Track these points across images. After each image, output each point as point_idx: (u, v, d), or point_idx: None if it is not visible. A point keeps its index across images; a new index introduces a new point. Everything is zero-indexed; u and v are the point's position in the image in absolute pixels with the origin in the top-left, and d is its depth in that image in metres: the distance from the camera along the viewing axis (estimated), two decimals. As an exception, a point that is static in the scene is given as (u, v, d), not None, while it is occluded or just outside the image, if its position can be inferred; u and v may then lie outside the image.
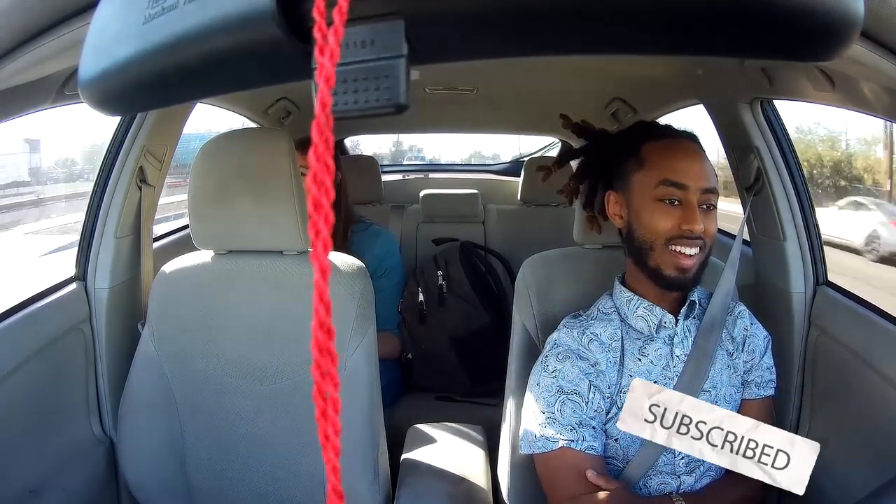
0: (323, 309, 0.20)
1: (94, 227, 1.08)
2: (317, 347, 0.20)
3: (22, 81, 0.63)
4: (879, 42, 0.52)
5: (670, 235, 0.75)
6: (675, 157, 0.77)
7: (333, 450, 0.20)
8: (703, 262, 0.77)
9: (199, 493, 0.92)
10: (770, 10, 0.23)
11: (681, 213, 0.75)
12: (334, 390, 0.20)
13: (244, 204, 0.87)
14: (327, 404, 0.20)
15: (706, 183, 0.76)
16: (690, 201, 0.75)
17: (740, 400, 0.82)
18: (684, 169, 0.76)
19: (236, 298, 0.91)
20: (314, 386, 0.20)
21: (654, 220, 0.76)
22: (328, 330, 0.20)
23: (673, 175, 0.76)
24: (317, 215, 0.20)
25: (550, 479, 0.76)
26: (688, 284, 0.77)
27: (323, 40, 0.20)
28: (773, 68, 0.91)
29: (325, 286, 0.20)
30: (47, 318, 0.97)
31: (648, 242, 0.77)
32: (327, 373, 0.20)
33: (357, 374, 0.87)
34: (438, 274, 1.57)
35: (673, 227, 0.75)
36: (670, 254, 0.75)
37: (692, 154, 0.78)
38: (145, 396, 0.92)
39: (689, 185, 0.75)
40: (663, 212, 0.76)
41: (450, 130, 2.88)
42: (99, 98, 0.31)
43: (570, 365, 0.77)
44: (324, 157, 0.20)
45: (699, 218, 0.74)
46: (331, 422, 0.20)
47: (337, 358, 0.20)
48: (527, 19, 0.23)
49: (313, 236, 0.20)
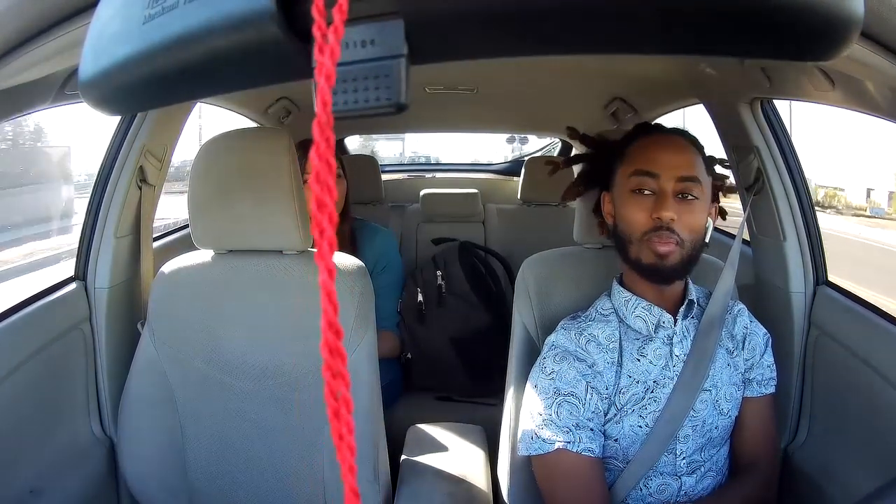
0: (332, 309, 0.20)
1: (94, 227, 1.08)
2: (327, 348, 0.20)
3: (22, 81, 0.63)
4: (879, 42, 0.52)
5: (645, 229, 0.75)
6: (649, 149, 0.78)
7: (349, 449, 0.20)
8: (687, 255, 0.75)
9: (199, 492, 0.92)
10: (770, 10, 0.23)
11: (653, 202, 0.75)
12: (346, 390, 0.20)
13: (244, 204, 0.87)
14: (339, 404, 0.20)
15: (682, 171, 0.75)
16: (663, 189, 0.75)
17: (741, 398, 0.82)
18: (657, 158, 0.76)
19: (236, 298, 0.91)
20: (325, 386, 0.20)
21: (629, 212, 0.77)
22: (337, 330, 0.20)
23: (644, 164, 0.76)
24: (320, 215, 0.20)
25: (547, 480, 0.76)
26: (669, 272, 0.76)
27: (323, 39, 0.20)
28: (773, 68, 0.91)
29: (333, 286, 0.20)
30: (47, 317, 0.97)
31: (627, 235, 0.78)
32: (338, 373, 0.20)
33: (357, 373, 0.87)
34: (437, 274, 1.57)
35: (646, 218, 0.75)
36: (647, 244, 0.75)
37: (670, 144, 0.78)
38: (145, 396, 0.92)
39: (660, 174, 0.75)
40: (636, 203, 0.76)
41: (450, 130, 2.88)
42: (99, 98, 0.31)
43: (567, 366, 0.77)
44: (325, 156, 0.20)
45: (670, 205, 0.73)
46: (344, 421, 0.20)
47: (347, 358, 0.20)
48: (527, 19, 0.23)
49: (317, 236, 0.20)
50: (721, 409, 0.79)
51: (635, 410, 0.77)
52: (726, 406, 0.80)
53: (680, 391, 0.77)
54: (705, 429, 0.79)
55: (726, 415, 0.80)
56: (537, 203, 2.10)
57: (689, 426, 0.78)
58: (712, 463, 0.81)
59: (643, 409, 0.77)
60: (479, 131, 2.90)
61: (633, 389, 0.77)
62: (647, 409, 0.77)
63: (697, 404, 0.77)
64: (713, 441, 0.80)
